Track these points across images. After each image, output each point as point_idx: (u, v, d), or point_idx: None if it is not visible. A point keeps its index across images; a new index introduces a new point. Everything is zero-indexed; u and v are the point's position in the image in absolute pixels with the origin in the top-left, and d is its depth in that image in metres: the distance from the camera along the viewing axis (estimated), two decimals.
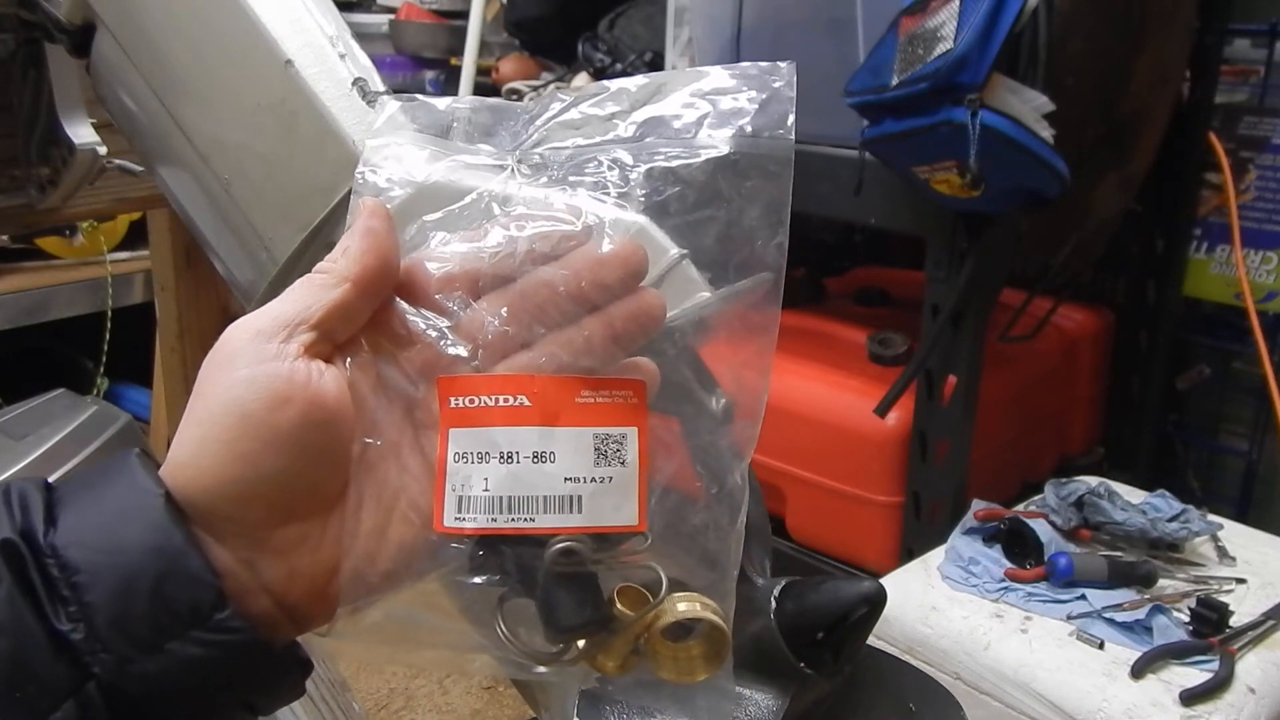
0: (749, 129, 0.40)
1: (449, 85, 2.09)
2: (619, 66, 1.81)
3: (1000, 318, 1.46)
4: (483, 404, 0.36)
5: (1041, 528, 1.16)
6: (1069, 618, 1.08)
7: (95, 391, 2.08)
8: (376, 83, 0.53)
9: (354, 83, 0.52)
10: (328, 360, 0.37)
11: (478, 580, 0.36)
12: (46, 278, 2.06)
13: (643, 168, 0.40)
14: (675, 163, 0.40)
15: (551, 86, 1.91)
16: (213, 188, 0.55)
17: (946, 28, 1.10)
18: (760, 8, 1.48)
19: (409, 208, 0.40)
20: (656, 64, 1.75)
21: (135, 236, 2.06)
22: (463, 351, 0.37)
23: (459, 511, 0.36)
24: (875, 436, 1.42)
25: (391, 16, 2.18)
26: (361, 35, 1.84)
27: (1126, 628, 1.05)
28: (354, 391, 0.37)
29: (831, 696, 0.48)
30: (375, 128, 0.43)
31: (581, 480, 0.36)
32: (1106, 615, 1.07)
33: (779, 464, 1.52)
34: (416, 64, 2.16)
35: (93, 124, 0.89)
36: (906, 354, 1.49)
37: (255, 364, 0.35)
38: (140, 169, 0.91)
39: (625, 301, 0.38)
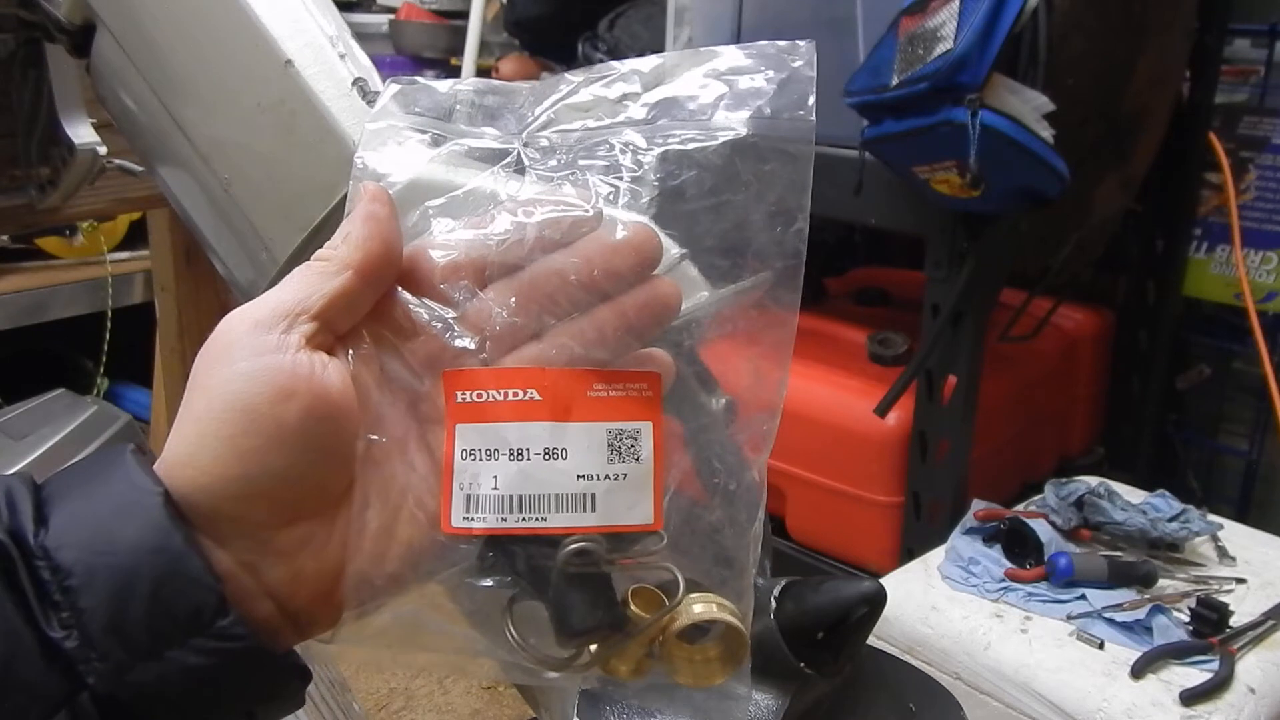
0: (767, 110, 0.37)
1: None
2: None
3: (1000, 318, 1.46)
4: (491, 398, 0.34)
5: (1041, 528, 1.16)
6: (1069, 618, 1.08)
7: (95, 391, 2.07)
8: (376, 83, 0.53)
9: (354, 83, 0.52)
10: (329, 352, 0.35)
11: (487, 583, 0.35)
12: (46, 278, 2.05)
13: (656, 150, 0.38)
14: (690, 145, 0.37)
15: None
16: (213, 188, 0.55)
17: (946, 28, 1.10)
18: (760, 8, 1.48)
19: (411, 193, 0.39)
20: None
21: (135, 236, 2.06)
22: (469, 343, 0.36)
23: (467, 511, 0.34)
24: (875, 436, 1.42)
25: (391, 16, 2.18)
26: (361, 35, 1.84)
27: (1126, 628, 1.05)
28: (357, 385, 0.35)
29: (831, 696, 0.48)
30: (374, 111, 0.41)
31: (595, 478, 0.34)
32: (1106, 615, 1.07)
33: (779, 464, 1.51)
34: (416, 64, 2.16)
35: (93, 124, 0.89)
36: (906, 354, 1.49)
37: (255, 356, 0.33)
38: (140, 169, 0.91)
39: (638, 290, 0.36)
